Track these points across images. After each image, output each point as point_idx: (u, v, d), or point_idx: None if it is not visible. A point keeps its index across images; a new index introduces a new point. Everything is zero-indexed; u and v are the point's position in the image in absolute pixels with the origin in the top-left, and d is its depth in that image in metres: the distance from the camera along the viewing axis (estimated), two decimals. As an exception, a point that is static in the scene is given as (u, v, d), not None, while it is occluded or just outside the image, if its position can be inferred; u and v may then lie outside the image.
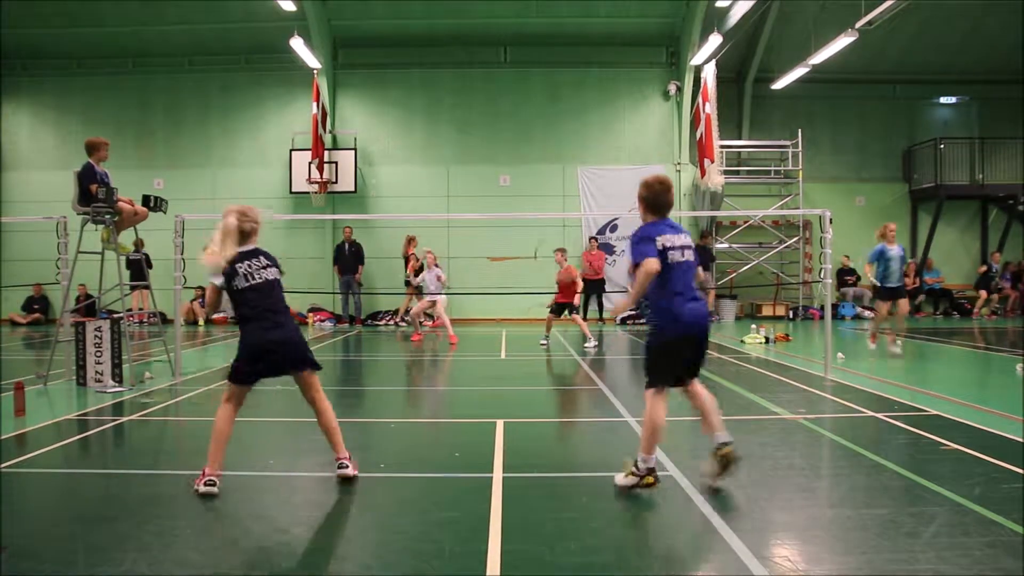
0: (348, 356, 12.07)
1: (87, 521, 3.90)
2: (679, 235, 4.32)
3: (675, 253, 4.25)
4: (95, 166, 8.36)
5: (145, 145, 18.53)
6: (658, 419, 4.28)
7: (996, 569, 3.18)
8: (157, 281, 12.27)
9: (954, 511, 3.90)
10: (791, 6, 17.57)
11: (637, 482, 4.24)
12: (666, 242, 4.23)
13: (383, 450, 5.62)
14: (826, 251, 8.91)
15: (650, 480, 4.23)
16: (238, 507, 4.09)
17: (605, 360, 11.30)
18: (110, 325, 8.19)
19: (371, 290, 18.00)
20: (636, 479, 4.24)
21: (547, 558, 3.34)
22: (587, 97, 18.47)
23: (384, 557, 3.38)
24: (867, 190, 19.56)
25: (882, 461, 4.89)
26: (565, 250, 12.94)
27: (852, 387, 7.92)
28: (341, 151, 17.94)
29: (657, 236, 4.23)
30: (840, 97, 19.50)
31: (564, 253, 12.72)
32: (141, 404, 7.21)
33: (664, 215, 4.40)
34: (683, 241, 4.32)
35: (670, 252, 4.23)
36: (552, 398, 8.32)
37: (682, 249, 4.29)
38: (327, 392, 4.72)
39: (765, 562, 3.27)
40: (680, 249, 4.28)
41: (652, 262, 4.09)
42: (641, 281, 4.13)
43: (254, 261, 4.52)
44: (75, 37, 18.19)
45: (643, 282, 4.13)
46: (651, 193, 4.41)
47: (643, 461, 4.24)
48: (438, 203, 18.18)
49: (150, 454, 5.61)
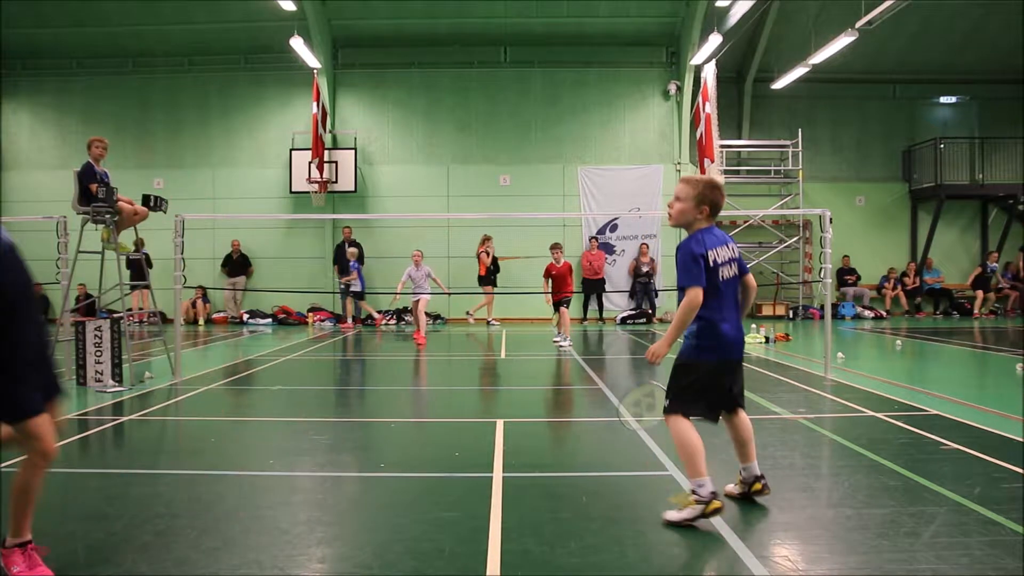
0: (348, 356, 12.07)
1: (87, 521, 3.90)
2: (726, 245, 3.90)
3: (724, 269, 3.85)
4: (95, 165, 8.37)
5: (145, 145, 18.53)
6: (691, 438, 3.78)
7: (996, 569, 3.18)
8: (157, 281, 12.27)
9: (954, 511, 3.90)
10: (791, 6, 17.56)
11: (702, 511, 3.65)
12: (716, 256, 3.81)
13: (383, 450, 5.62)
14: (826, 251, 8.91)
15: (717, 505, 3.65)
16: (238, 507, 4.08)
17: (605, 360, 11.30)
18: (110, 325, 8.19)
19: (371, 290, 17.99)
20: (700, 507, 3.65)
21: (547, 558, 3.34)
22: (587, 97, 18.47)
23: (384, 557, 3.38)
24: (867, 190, 19.56)
25: (882, 461, 4.89)
26: (560, 245, 12.94)
27: (852, 387, 7.92)
28: (341, 151, 17.95)
29: (708, 251, 3.80)
30: (840, 97, 19.50)
31: (560, 249, 12.76)
32: (141, 404, 7.21)
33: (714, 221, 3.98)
34: (730, 253, 3.91)
35: (720, 269, 3.82)
36: (552, 398, 8.32)
37: (730, 263, 3.88)
38: (326, 391, 4.71)
39: (765, 562, 3.26)
40: (728, 263, 3.88)
41: (698, 295, 3.70)
42: (684, 316, 3.73)
43: None
44: (75, 37, 18.20)
45: (686, 318, 3.73)
46: (715, 195, 3.89)
47: (699, 486, 3.69)
48: (438, 203, 18.19)
49: (150, 454, 5.61)
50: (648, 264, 17.81)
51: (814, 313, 17.92)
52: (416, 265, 13.18)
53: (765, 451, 5.23)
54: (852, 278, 18.80)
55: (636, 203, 18.09)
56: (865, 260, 19.00)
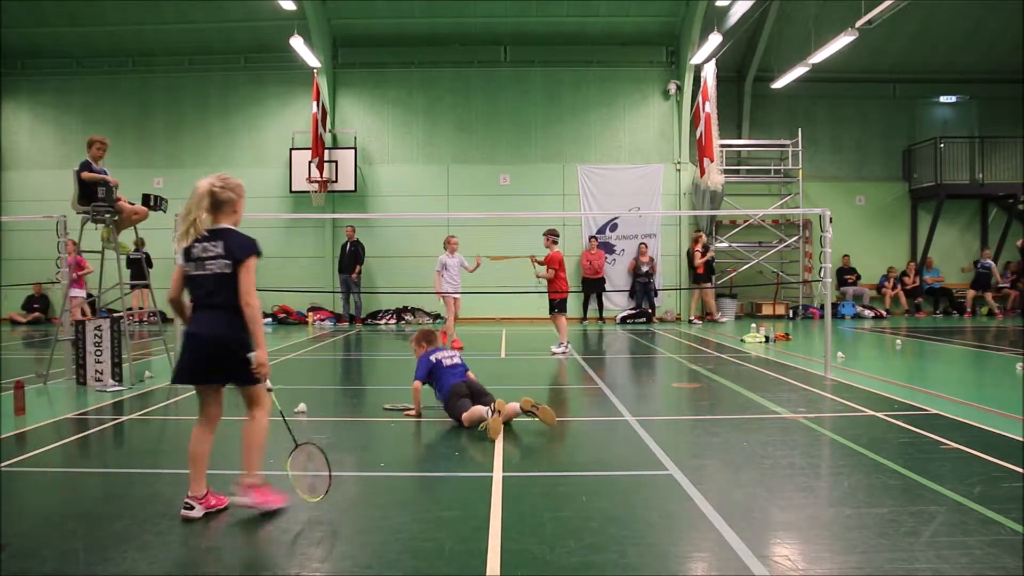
0: (348, 355, 12.07)
1: (87, 520, 3.89)
2: None
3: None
4: (93, 164, 8.37)
5: (145, 144, 18.54)
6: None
7: (996, 568, 3.18)
8: (157, 280, 12.27)
9: (954, 510, 3.90)
10: (791, 5, 17.57)
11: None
12: None
13: (383, 450, 5.62)
14: (826, 250, 8.91)
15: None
16: (238, 507, 4.08)
17: (605, 360, 11.30)
18: (110, 324, 8.19)
19: (371, 289, 18.00)
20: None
21: (547, 557, 3.34)
22: (587, 96, 18.47)
23: (384, 557, 3.38)
24: (867, 189, 19.56)
25: (882, 460, 4.89)
26: (553, 233, 11.68)
27: (852, 386, 7.91)
28: (341, 150, 17.94)
29: None
30: (840, 96, 19.50)
31: (551, 237, 11.52)
32: (140, 403, 7.21)
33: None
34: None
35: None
36: (552, 397, 8.31)
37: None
38: (326, 390, 4.71)
39: (765, 561, 3.26)
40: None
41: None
42: None
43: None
44: (75, 36, 18.20)
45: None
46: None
47: None
48: (438, 202, 18.19)
49: (150, 454, 5.60)
50: (648, 264, 17.81)
51: (814, 313, 17.92)
52: (451, 253, 11.80)
53: (765, 451, 5.23)
54: (852, 278, 18.80)
55: (636, 203, 18.09)
56: (865, 260, 19.00)
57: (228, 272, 3.81)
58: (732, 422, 6.28)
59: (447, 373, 6.43)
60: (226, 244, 3.84)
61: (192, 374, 3.94)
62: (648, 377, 9.75)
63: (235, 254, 3.83)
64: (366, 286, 17.87)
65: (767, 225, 18.85)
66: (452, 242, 11.96)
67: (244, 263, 3.82)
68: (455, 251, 11.90)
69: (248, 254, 3.84)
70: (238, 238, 3.88)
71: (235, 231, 3.94)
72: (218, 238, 3.85)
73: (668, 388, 8.63)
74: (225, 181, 3.97)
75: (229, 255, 3.82)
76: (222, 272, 3.82)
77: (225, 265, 3.82)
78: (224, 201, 3.93)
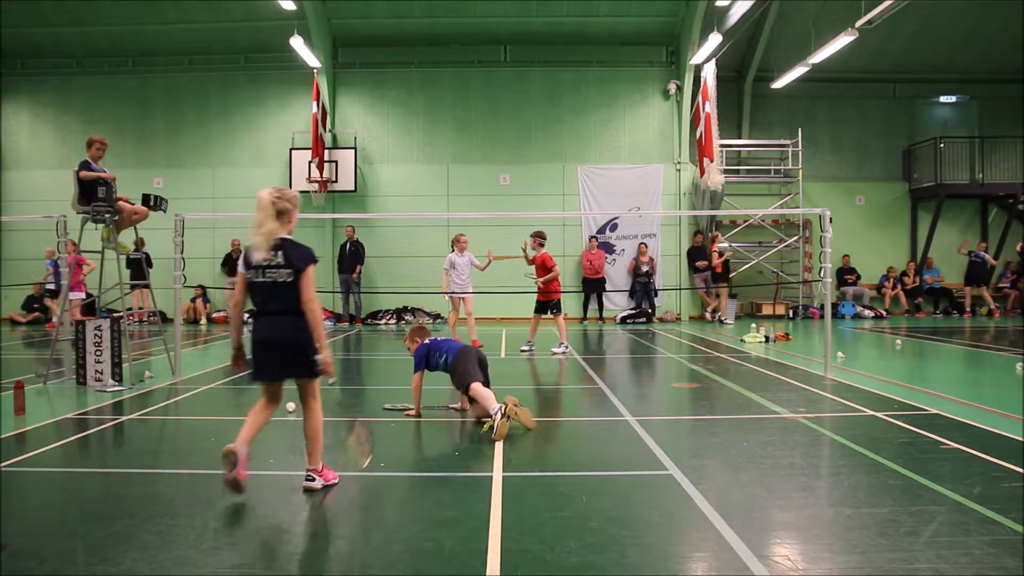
0: (348, 355, 12.06)
1: (87, 520, 3.90)
2: None
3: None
4: (92, 164, 8.37)
5: (145, 144, 18.53)
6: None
7: (996, 568, 3.18)
8: (157, 280, 12.28)
9: (954, 510, 3.90)
10: (791, 5, 17.56)
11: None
12: None
13: (383, 450, 5.62)
14: (826, 250, 8.91)
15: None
16: (238, 507, 4.08)
17: (605, 360, 11.30)
18: (110, 324, 8.19)
19: (371, 289, 18.00)
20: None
21: (547, 557, 3.34)
22: (587, 96, 18.47)
23: (384, 557, 3.38)
24: (867, 189, 19.56)
25: (882, 460, 4.89)
26: (540, 235, 11.46)
27: (852, 386, 7.91)
28: (341, 150, 17.94)
29: None
30: (840, 96, 19.50)
31: (537, 239, 11.30)
32: (140, 403, 7.21)
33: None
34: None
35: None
36: (552, 397, 8.31)
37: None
38: (326, 390, 4.72)
39: (765, 561, 3.26)
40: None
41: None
42: None
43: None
44: (75, 36, 18.20)
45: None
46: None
47: None
48: (438, 202, 18.18)
49: (150, 454, 5.61)
50: (648, 263, 17.81)
51: (814, 312, 17.92)
52: (460, 251, 11.51)
53: (765, 451, 5.23)
54: (852, 277, 18.79)
55: (636, 203, 18.09)
56: (865, 259, 18.99)
57: (290, 281, 4.15)
58: (732, 422, 6.28)
59: (443, 344, 6.60)
60: (286, 254, 4.17)
61: (269, 374, 4.33)
62: (648, 377, 9.75)
63: (296, 264, 4.16)
64: (366, 286, 17.87)
65: (767, 225, 18.85)
66: (461, 240, 11.80)
67: (304, 272, 4.16)
68: (464, 250, 11.74)
69: (308, 263, 4.19)
70: (297, 249, 4.21)
71: (294, 241, 4.25)
72: (278, 248, 4.17)
73: (668, 388, 8.64)
74: (282, 192, 4.29)
75: (290, 264, 4.16)
76: (284, 281, 4.16)
77: (288, 275, 4.15)
78: (281, 211, 4.25)
